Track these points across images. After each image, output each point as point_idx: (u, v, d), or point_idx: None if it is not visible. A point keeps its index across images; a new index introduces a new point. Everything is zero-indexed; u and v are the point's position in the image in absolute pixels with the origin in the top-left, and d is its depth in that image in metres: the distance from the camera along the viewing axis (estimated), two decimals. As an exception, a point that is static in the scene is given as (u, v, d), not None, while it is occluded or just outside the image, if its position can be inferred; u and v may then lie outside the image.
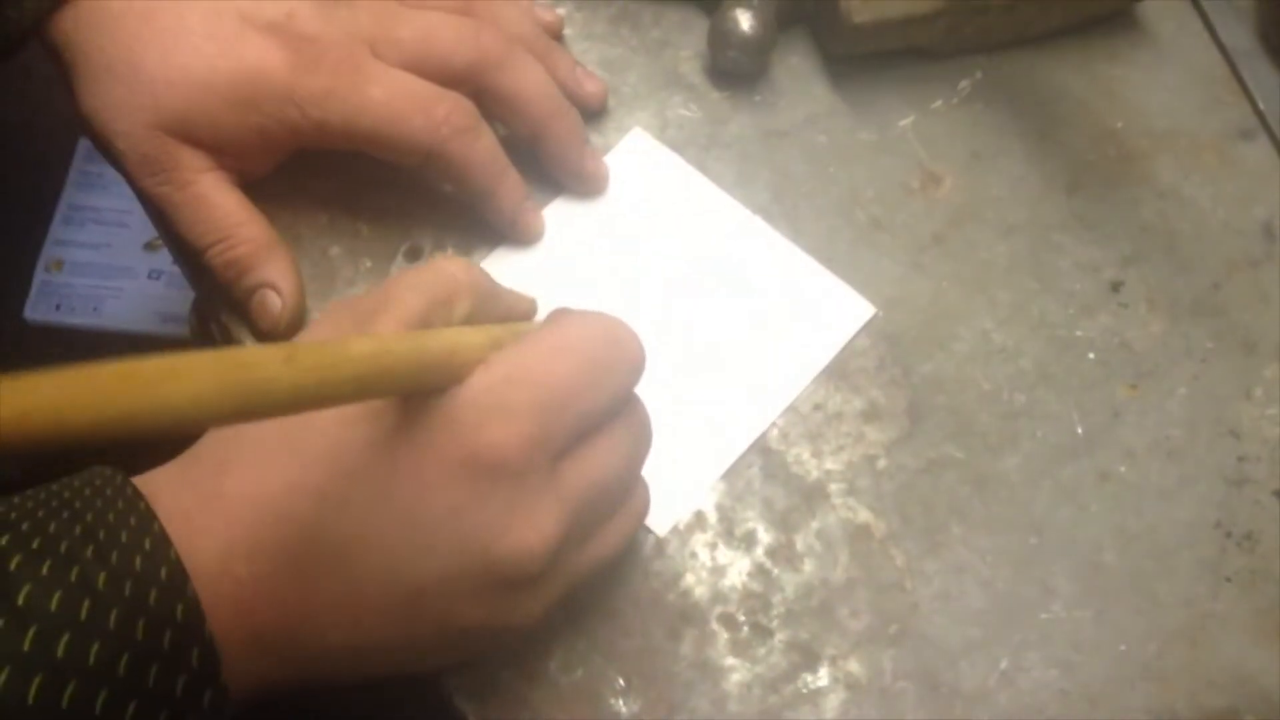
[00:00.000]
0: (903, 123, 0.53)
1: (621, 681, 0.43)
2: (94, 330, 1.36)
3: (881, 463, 0.47)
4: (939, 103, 0.54)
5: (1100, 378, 0.49)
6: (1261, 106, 0.53)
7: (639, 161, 0.52)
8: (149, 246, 1.40)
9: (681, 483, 0.46)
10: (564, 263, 0.50)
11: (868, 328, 0.49)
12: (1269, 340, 0.49)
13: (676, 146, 0.53)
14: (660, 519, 0.46)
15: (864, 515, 0.46)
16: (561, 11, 0.55)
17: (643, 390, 0.44)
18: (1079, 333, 0.49)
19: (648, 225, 0.51)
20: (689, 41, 0.54)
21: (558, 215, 0.51)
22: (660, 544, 0.45)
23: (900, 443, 0.47)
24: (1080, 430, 0.48)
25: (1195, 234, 0.51)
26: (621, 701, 0.43)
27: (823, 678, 0.44)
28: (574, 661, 0.44)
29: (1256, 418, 0.48)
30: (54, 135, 1.41)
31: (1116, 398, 0.48)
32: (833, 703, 0.43)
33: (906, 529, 0.46)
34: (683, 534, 0.46)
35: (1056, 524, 0.46)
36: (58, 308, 1.36)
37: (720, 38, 0.53)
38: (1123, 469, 0.47)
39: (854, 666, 0.44)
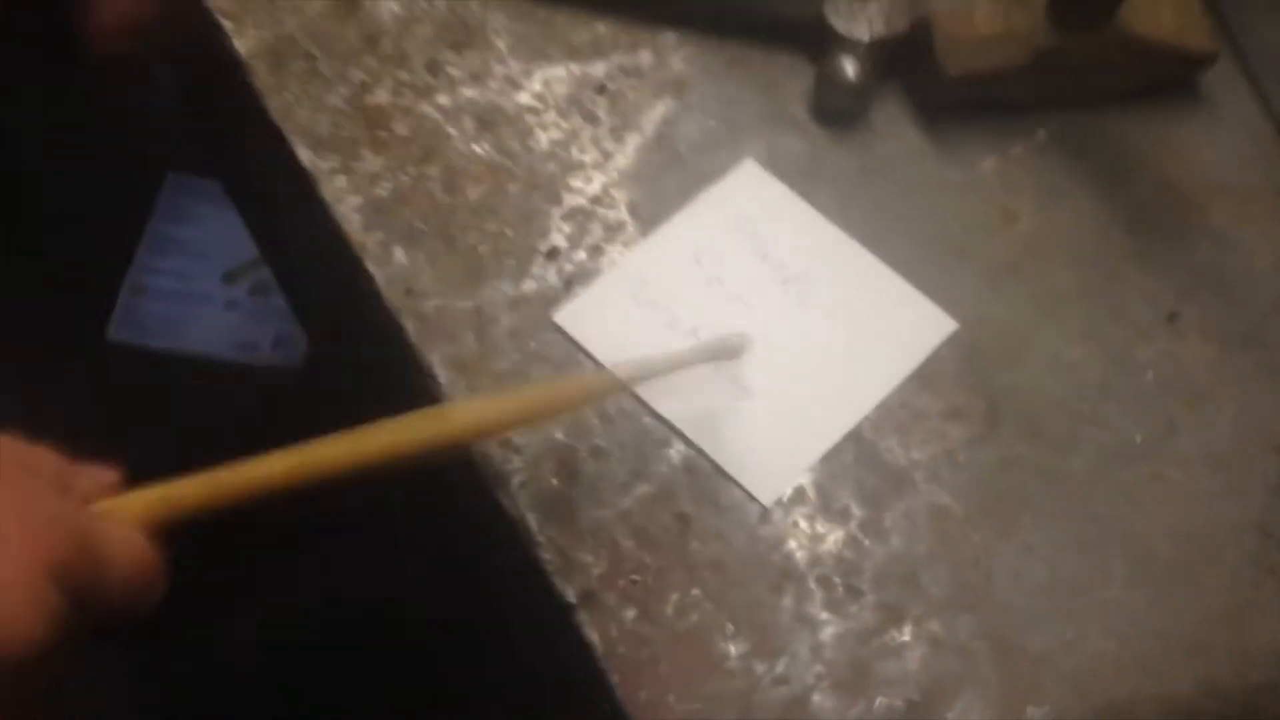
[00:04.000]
0: (985, 165, 0.61)
1: (730, 627, 0.50)
2: (172, 353, 1.45)
3: (961, 456, 0.54)
4: (1018, 149, 0.62)
5: (1157, 395, 0.56)
6: (1307, 168, 0.61)
7: (749, 188, 0.60)
8: (227, 278, 1.49)
9: (785, 462, 0.53)
10: (684, 274, 0.58)
11: (950, 340, 0.57)
12: (1308, 369, 0.57)
13: (782, 176, 0.61)
14: (766, 492, 0.53)
15: (945, 499, 0.53)
16: (684, 53, 0.63)
17: (760, 380, 0.51)
18: (1139, 355, 0.57)
19: (756, 244, 0.59)
20: (796, 83, 0.63)
21: (679, 229, 0.59)
22: (766, 514, 0.52)
23: (978, 440, 0.54)
24: (1138, 439, 0.55)
25: (1245, 274, 0.59)
26: (731, 645, 0.50)
27: (907, 634, 0.50)
28: (688, 608, 0.51)
29: (1295, 436, 0.55)
30: (145, 166, 1.51)
31: (1172, 413, 0.55)
32: (915, 656, 0.50)
33: (982, 514, 0.53)
34: (786, 506, 0.53)
35: (1114, 517, 0.53)
36: (139, 330, 1.45)
37: (827, 81, 0.61)
38: (1175, 474, 0.54)
39: (934, 627, 0.50)
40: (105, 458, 0.43)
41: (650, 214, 0.60)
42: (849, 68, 0.61)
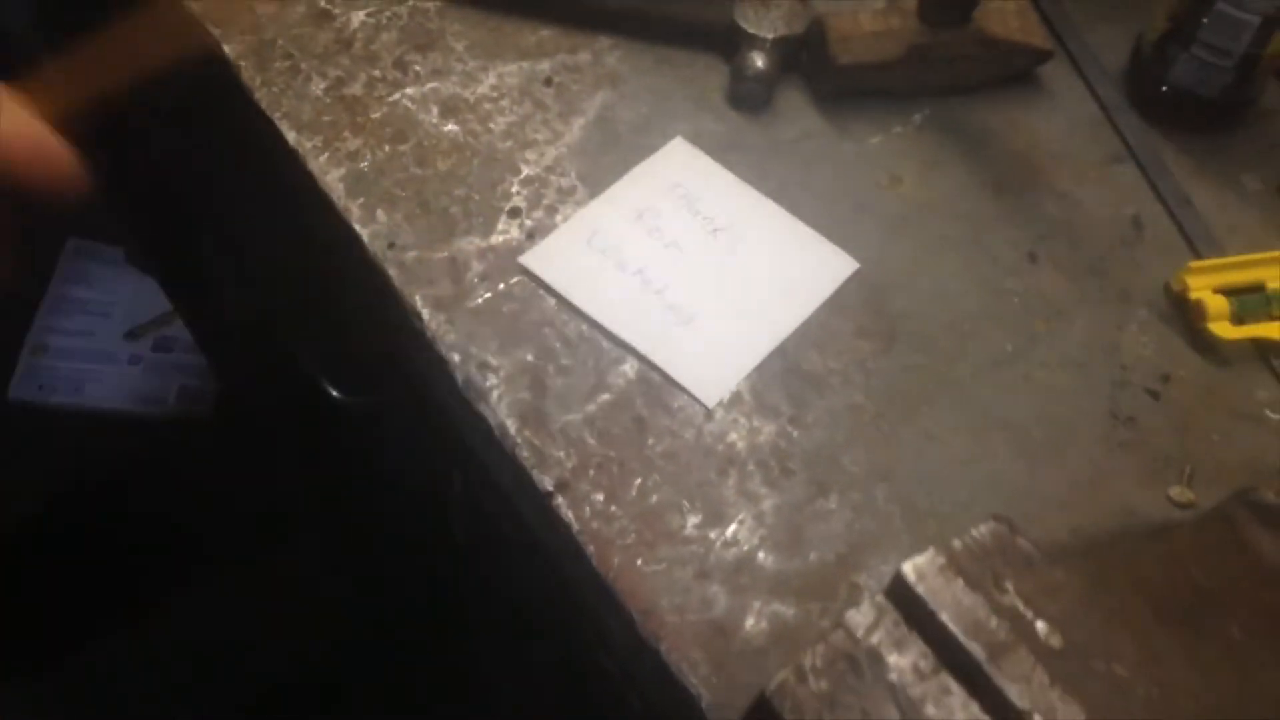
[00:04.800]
0: (873, 140, 0.72)
1: (686, 504, 0.58)
2: (75, 409, 1.47)
3: (869, 365, 0.64)
4: (898, 128, 0.73)
5: (1023, 315, 0.67)
6: (1129, 140, 0.73)
7: (679, 159, 0.70)
8: (130, 335, 1.53)
9: (724, 371, 0.62)
10: (629, 227, 0.67)
11: (855, 277, 0.67)
12: (1139, 293, 0.68)
13: (706, 150, 0.70)
14: (710, 396, 0.61)
15: (858, 398, 0.62)
16: (618, 54, 0.73)
17: (698, 307, 0.61)
18: (1007, 284, 0.68)
19: (689, 203, 0.68)
20: (713, 77, 0.73)
21: (623, 192, 0.68)
22: (709, 414, 0.61)
23: (881, 352, 0.64)
24: (1010, 349, 0.65)
25: (1086, 223, 0.70)
26: (687, 518, 0.58)
27: (833, 503, 0.59)
28: (649, 490, 0.59)
29: (1132, 342, 0.66)
30: (44, 229, 1.54)
31: (1035, 329, 0.66)
32: (840, 520, 0.59)
33: (889, 409, 0.62)
34: (726, 407, 0.61)
35: (995, 408, 0.63)
36: (40, 388, 1.47)
37: (739, 73, 0.71)
38: (1040, 374, 0.65)
39: (855, 496, 0.59)
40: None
41: (596, 181, 0.69)
42: (758, 60, 0.72)
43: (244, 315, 1.08)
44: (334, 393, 0.84)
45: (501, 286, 0.64)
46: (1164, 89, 0.74)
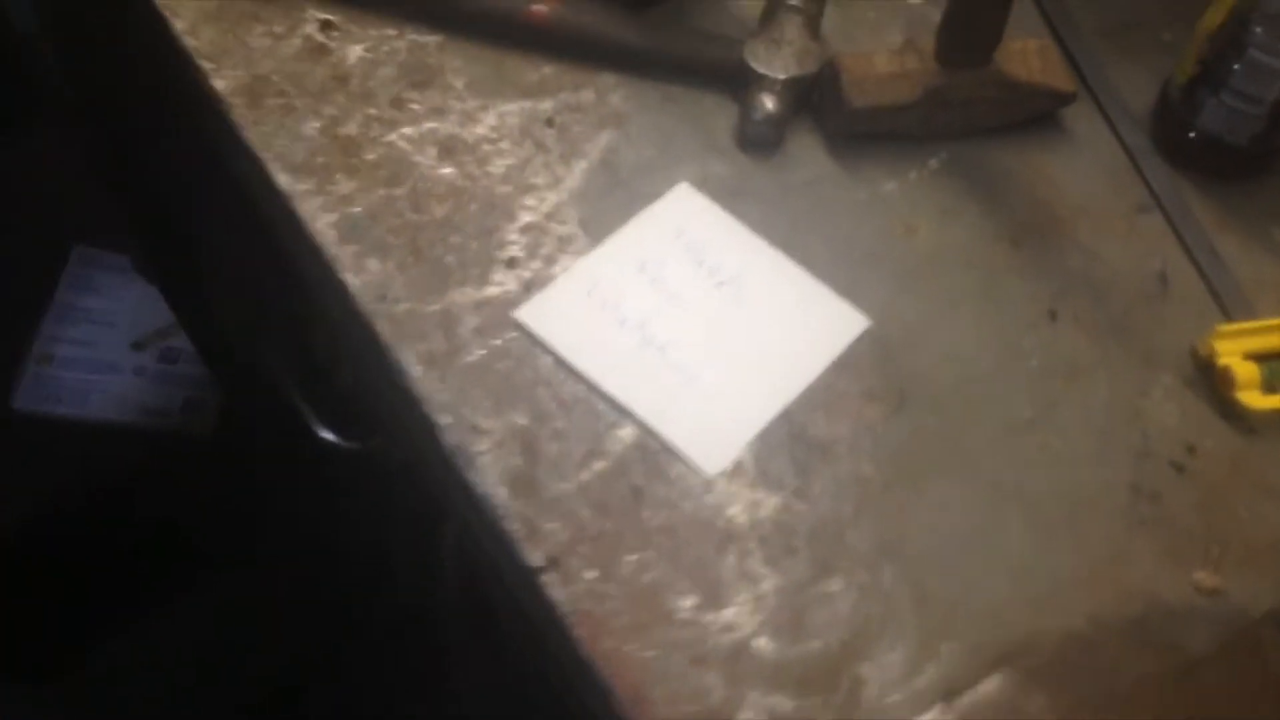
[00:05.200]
0: (887, 187, 0.69)
1: (682, 583, 0.55)
2: (79, 420, 1.45)
3: (878, 430, 0.60)
4: (914, 174, 0.69)
5: (1040, 377, 0.63)
6: (1156, 189, 0.69)
7: (684, 206, 0.66)
8: (136, 345, 1.50)
9: (725, 438, 0.59)
10: (631, 278, 0.63)
11: (864, 334, 0.63)
12: (1165, 355, 0.65)
13: (713, 195, 0.67)
14: (710, 465, 0.58)
15: (866, 468, 0.59)
16: (622, 92, 0.69)
17: (700, 367, 0.58)
18: (1024, 344, 0.64)
19: (693, 253, 0.65)
20: (721, 117, 0.70)
21: (625, 241, 0.64)
22: (709, 484, 0.58)
23: (891, 417, 0.61)
24: (1026, 414, 0.62)
25: (1109, 278, 0.67)
26: (682, 599, 0.55)
27: (837, 584, 0.56)
28: (644, 568, 0.55)
29: (1156, 410, 0.63)
30: (50, 237, 1.52)
31: (1053, 391, 0.63)
32: (845, 603, 0.55)
33: (898, 479, 0.59)
34: (727, 477, 0.58)
35: (1010, 479, 0.60)
36: (45, 399, 1.45)
37: (748, 114, 0.68)
38: (1058, 443, 0.61)
39: (862, 576, 0.56)
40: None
41: (598, 228, 0.66)
42: (768, 102, 0.68)
43: (238, 336, 1.05)
44: (321, 433, 0.81)
45: (496, 342, 0.61)
46: (1192, 135, 0.70)
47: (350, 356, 0.66)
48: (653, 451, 0.59)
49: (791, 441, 0.60)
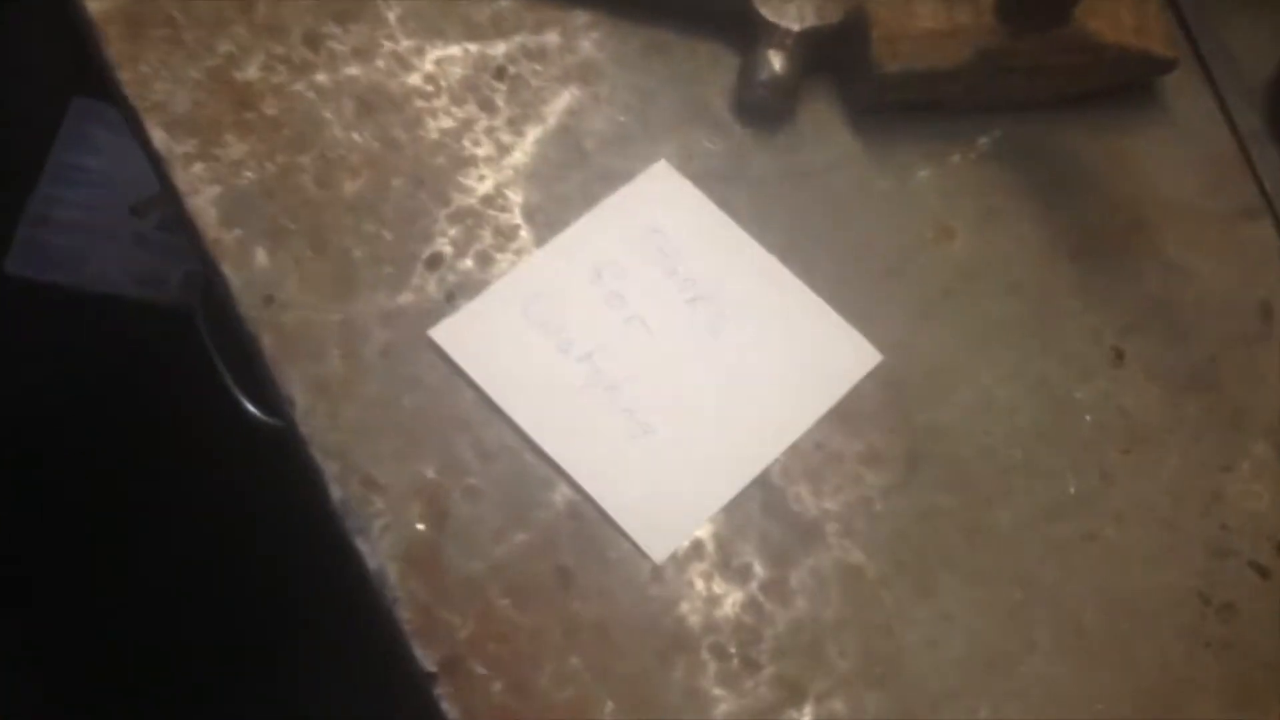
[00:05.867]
0: (920, 174, 0.54)
1: (611, 704, 0.43)
2: (73, 288, 1.34)
3: (878, 506, 0.47)
4: (956, 157, 0.54)
5: (1095, 440, 0.49)
6: (1268, 188, 0.53)
7: (659, 193, 0.52)
8: (135, 211, 1.38)
9: (682, 512, 0.46)
10: (582, 289, 0.50)
11: (873, 373, 0.49)
12: (1258, 417, 0.50)
13: (699, 178, 0.52)
14: (659, 546, 0.45)
15: (857, 556, 0.46)
16: (596, 37, 0.55)
17: (659, 414, 0.45)
18: (1077, 395, 0.50)
19: (664, 258, 0.51)
20: (718, 77, 0.54)
21: (580, 238, 0.51)
22: (657, 571, 0.45)
23: (897, 488, 0.47)
24: (1072, 490, 0.48)
25: (1195, 308, 0.52)
26: (609, 724, 0.43)
27: (807, 715, 0.43)
28: (565, 680, 0.43)
29: (1241, 491, 0.49)
30: (47, 91, 1.39)
31: (1109, 461, 0.49)
32: (815, 742, 0.43)
33: (898, 574, 0.46)
34: (680, 562, 0.45)
35: (1042, 580, 0.46)
36: (38, 263, 1.34)
37: (751, 74, 0.53)
38: (1110, 531, 0.47)
39: (838, 705, 0.44)
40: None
41: (548, 219, 0.52)
42: (776, 60, 0.53)
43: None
44: (250, 407, 0.69)
45: (407, 368, 0.48)
46: (1323, 118, 0.54)
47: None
48: (589, 523, 0.46)
49: (766, 518, 0.47)
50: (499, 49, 0.55)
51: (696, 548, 0.46)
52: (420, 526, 0.45)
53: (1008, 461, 0.48)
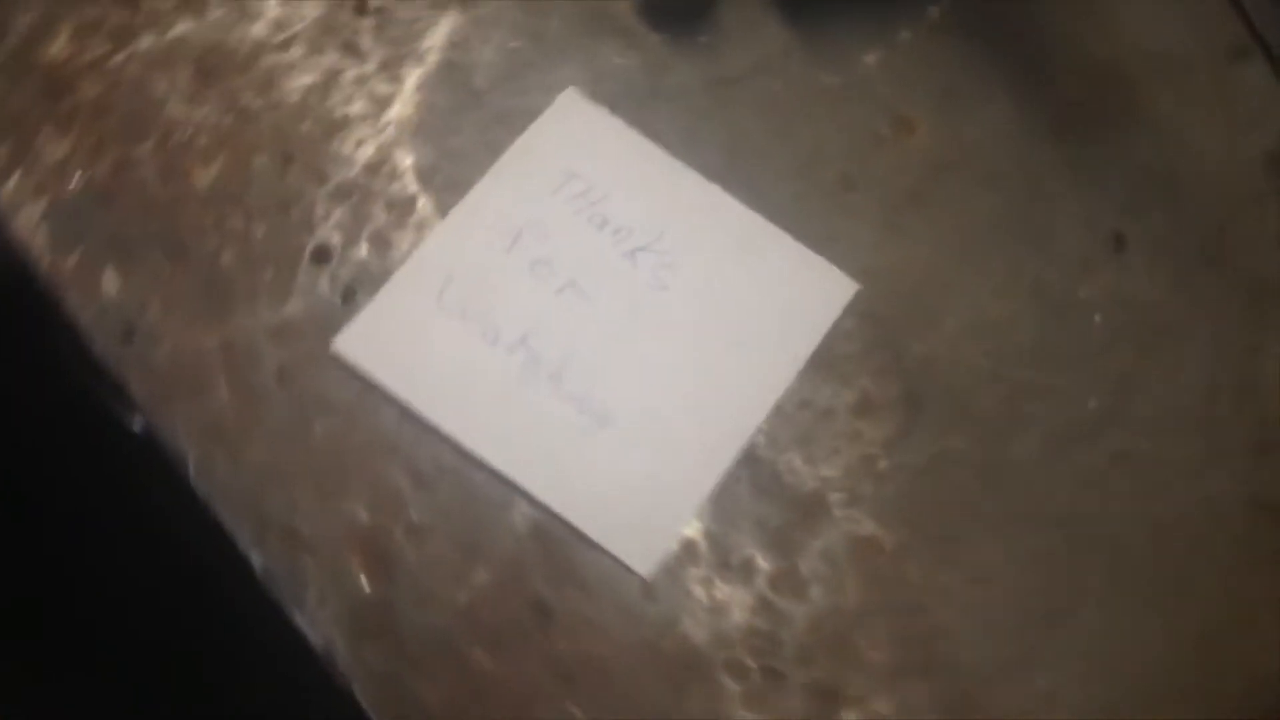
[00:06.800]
0: (867, 60, 0.45)
1: (623, 752, 0.36)
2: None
3: (882, 464, 0.40)
4: (906, 34, 0.45)
5: (1108, 343, 0.42)
6: (1256, 23, 0.46)
7: (572, 128, 0.43)
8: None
9: (663, 511, 0.38)
10: (502, 261, 0.41)
11: (850, 306, 0.41)
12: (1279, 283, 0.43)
13: (612, 101, 0.43)
14: (644, 558, 0.38)
15: (869, 527, 0.39)
16: (464, -53, 0.44)
17: (615, 397, 0.37)
18: (1081, 294, 0.42)
19: (591, 206, 0.42)
20: (619, -23, 0.45)
21: (488, 199, 0.41)
22: (648, 587, 0.37)
23: (899, 438, 0.40)
24: (1092, 404, 0.41)
25: (1195, 173, 0.44)
26: (624, 775, 0.36)
27: (847, 721, 0.37)
28: (564, 733, 0.36)
29: (1274, 373, 0.42)
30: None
31: (1127, 364, 0.42)
32: (860, 752, 0.37)
33: (918, 538, 0.39)
34: (673, 571, 0.38)
35: (1078, 515, 0.40)
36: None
37: (657, -28, 0.43)
38: (1143, 446, 0.41)
39: (881, 706, 0.37)
40: None
41: (447, 180, 0.42)
42: (684, -50, 0.43)
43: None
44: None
45: (312, 391, 0.39)
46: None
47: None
48: (560, 542, 0.38)
49: (759, 499, 0.39)
50: (353, -22, 0.44)
51: (688, 550, 0.38)
52: (364, 583, 0.37)
53: (1015, 385, 0.41)
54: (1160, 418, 0.41)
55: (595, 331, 0.40)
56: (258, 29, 0.43)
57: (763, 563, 0.38)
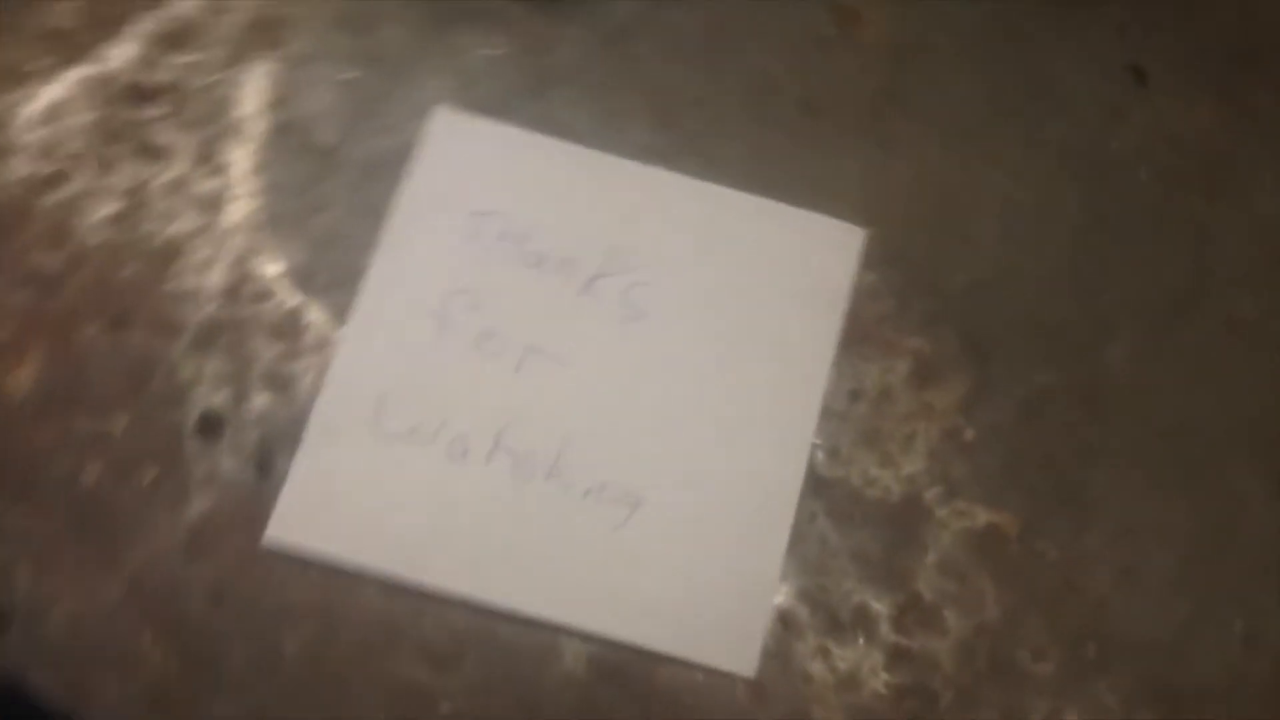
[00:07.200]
0: (775, -47, 0.36)
1: None
2: None
3: (968, 433, 0.32)
4: (807, -93, 0.36)
5: (1164, 194, 0.34)
6: None
7: (460, 155, 0.33)
8: None
9: (740, 588, 0.30)
10: (436, 352, 0.32)
11: (865, 257, 0.33)
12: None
13: (496, 105, 0.34)
14: (739, 653, 0.30)
15: (982, 515, 0.31)
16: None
17: (636, 470, 0.29)
18: (1115, 148, 0.35)
19: (518, 247, 0.33)
20: (445, -51, 0.35)
21: (390, 281, 0.32)
22: (756, 687, 0.30)
23: (976, 395, 0.32)
24: (1173, 271, 0.34)
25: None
26: None
27: (1041, 757, 0.30)
28: None
29: (1357, 168, 0.35)
30: None
31: (1196, 213, 0.34)
32: (1068, 784, 0.30)
33: (1039, 507, 0.31)
34: (778, 656, 0.30)
35: (1204, 408, 0.33)
36: None
37: (493, -71, 0.34)
38: (1244, 305, 0.34)
39: (1073, 717, 0.30)
40: None
41: (332, 276, 0.32)
42: (515, -110, 0.34)
43: None
44: None
45: (266, 603, 0.29)
46: None
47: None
48: (628, 672, 0.29)
49: (845, 530, 0.31)
50: (113, 59, 0.33)
51: (786, 624, 0.30)
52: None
53: (1080, 280, 0.33)
54: (1251, 270, 0.34)
55: (581, 400, 0.31)
56: (18, 166, 0.33)
57: (878, 605, 0.30)
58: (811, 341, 0.32)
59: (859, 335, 0.32)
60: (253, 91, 0.33)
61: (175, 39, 0.33)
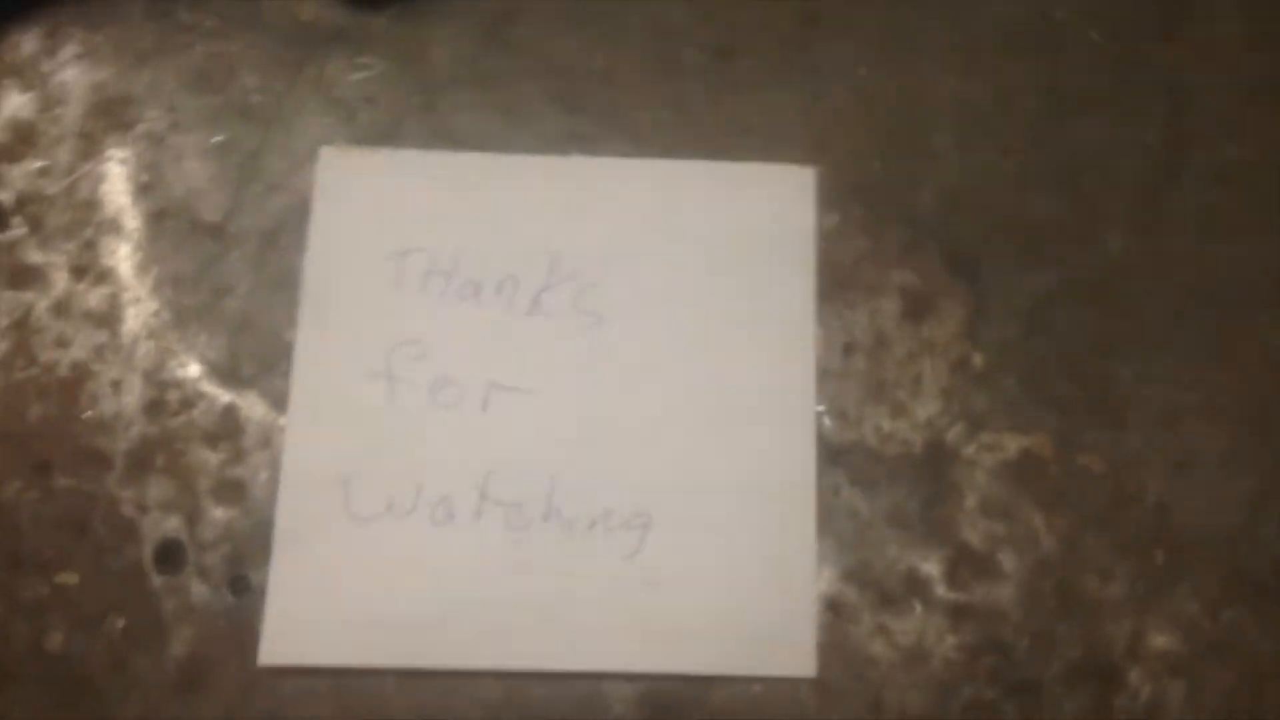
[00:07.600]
0: (644, -110, 0.32)
1: None
2: None
3: (977, 359, 0.29)
4: None
5: (1121, 53, 0.31)
6: None
7: (361, 195, 0.30)
8: None
9: (778, 585, 0.27)
10: (390, 417, 0.28)
11: (821, 198, 0.30)
12: None
13: (384, 132, 0.30)
14: (795, 655, 0.27)
15: (1011, 442, 0.29)
16: (72, 52, 0.30)
17: (634, 506, 0.26)
18: (1058, 16, 0.32)
19: (446, 281, 0.29)
20: (286, -25, 0.31)
21: (317, 357, 0.28)
22: (820, 685, 0.27)
23: (975, 318, 0.30)
24: (1149, 135, 0.31)
25: None
26: None
27: (1144, 684, 0.28)
28: None
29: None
30: None
31: (1159, 64, 0.31)
32: (1176, 695, 0.28)
33: (1073, 419, 0.29)
34: (834, 648, 0.27)
35: (1218, 271, 0.30)
36: None
37: (333, -60, 0.30)
38: (1232, 150, 0.31)
39: (1159, 641, 0.28)
40: None
41: (258, 362, 0.29)
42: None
43: None
44: None
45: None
46: None
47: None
48: (682, 698, 0.27)
49: (872, 495, 0.28)
50: (-40, 184, 0.30)
51: (836, 609, 0.28)
52: None
53: (1054, 167, 0.30)
54: (1232, 99, 0.31)
55: (560, 428, 0.28)
56: (-113, 320, 0.29)
57: (926, 566, 0.28)
58: (788, 302, 0.29)
59: (837, 283, 0.29)
60: (116, 182, 0.30)
61: (12, 149, 0.30)
